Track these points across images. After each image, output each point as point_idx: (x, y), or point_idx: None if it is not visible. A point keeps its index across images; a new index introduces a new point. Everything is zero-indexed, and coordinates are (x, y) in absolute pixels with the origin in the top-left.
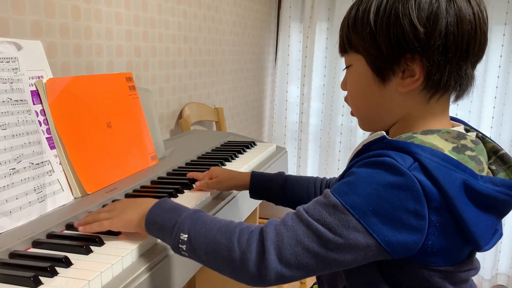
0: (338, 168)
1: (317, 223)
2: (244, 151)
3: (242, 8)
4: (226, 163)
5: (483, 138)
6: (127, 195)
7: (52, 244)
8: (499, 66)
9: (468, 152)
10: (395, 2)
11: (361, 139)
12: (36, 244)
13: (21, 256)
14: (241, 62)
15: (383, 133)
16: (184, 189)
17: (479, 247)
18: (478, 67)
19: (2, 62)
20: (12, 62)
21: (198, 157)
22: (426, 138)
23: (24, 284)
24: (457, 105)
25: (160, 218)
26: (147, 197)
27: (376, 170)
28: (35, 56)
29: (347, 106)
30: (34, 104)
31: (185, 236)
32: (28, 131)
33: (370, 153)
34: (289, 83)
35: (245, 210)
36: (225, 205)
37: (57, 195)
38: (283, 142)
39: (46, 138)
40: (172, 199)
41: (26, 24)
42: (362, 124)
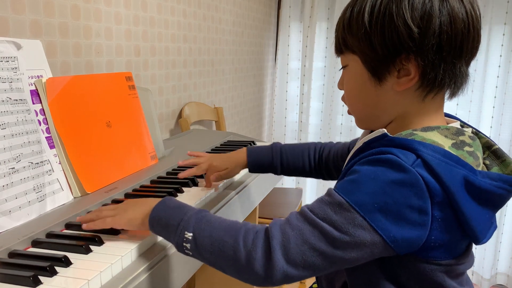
0: None
1: (323, 222)
2: None
3: (242, 8)
4: None
5: (477, 134)
6: (127, 195)
7: (52, 244)
8: (499, 66)
9: (467, 148)
10: (389, 3)
11: None
12: (36, 244)
13: (21, 256)
14: (241, 62)
15: (384, 131)
16: (184, 189)
17: (478, 241)
18: (478, 67)
19: (2, 62)
20: (12, 62)
21: None
22: (427, 135)
23: (24, 284)
24: (457, 105)
25: (165, 216)
26: (150, 197)
27: (380, 168)
28: (35, 56)
29: (347, 106)
30: (34, 104)
31: (190, 235)
32: (28, 131)
33: (373, 151)
34: (289, 83)
35: (245, 210)
36: (225, 205)
37: (57, 195)
38: (283, 142)
39: (46, 138)
40: None
41: (26, 24)
42: (359, 123)
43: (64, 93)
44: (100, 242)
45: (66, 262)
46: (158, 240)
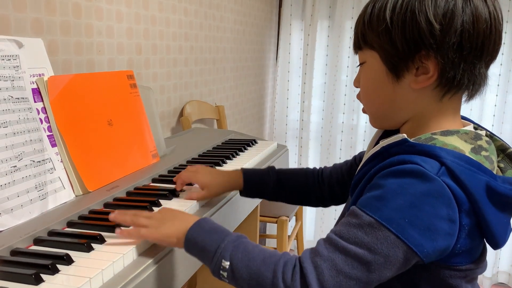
0: None
1: (355, 246)
2: (245, 149)
3: (243, 6)
4: (227, 161)
5: (491, 137)
6: (128, 193)
7: (54, 242)
8: (501, 64)
9: (483, 153)
10: (412, 0)
11: (362, 137)
12: (38, 242)
13: (23, 254)
14: (242, 60)
15: (404, 136)
16: (185, 187)
17: (497, 246)
18: None
19: (3, 60)
20: (13, 60)
21: (199, 155)
22: (447, 140)
23: (26, 282)
24: None
25: (201, 240)
26: (184, 212)
27: (405, 180)
28: (36, 54)
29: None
30: (35, 102)
31: (227, 264)
32: (29, 129)
33: (393, 160)
34: (290, 81)
35: (245, 210)
36: (226, 203)
37: (58, 193)
38: (284, 140)
39: (47, 136)
40: (176, 199)
41: (27, 22)
42: (374, 122)
43: (66, 92)
44: (102, 240)
45: (68, 260)
46: None
